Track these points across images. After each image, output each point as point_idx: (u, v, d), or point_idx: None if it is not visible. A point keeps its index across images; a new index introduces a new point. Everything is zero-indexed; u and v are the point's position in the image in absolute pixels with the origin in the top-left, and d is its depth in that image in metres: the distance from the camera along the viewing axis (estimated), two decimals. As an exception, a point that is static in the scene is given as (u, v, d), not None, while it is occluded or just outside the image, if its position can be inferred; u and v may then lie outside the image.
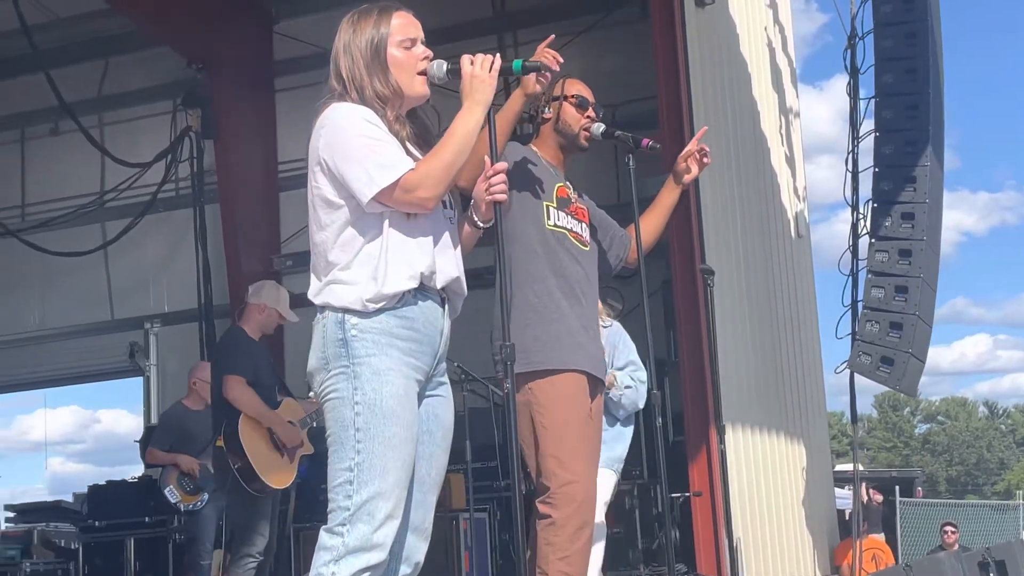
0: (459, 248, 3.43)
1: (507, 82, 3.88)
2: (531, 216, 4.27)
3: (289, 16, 13.46)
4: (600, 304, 5.04)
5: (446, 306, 3.35)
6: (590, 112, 4.47)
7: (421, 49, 3.36)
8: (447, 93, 3.52)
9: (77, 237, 14.04)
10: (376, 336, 3.16)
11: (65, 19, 13.24)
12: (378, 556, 3.07)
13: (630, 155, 4.50)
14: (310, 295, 3.29)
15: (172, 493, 8.63)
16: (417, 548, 3.30)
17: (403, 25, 3.34)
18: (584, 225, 4.45)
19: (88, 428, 59.28)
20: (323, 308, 3.24)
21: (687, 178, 4.53)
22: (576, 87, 4.48)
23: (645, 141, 4.52)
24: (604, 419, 4.75)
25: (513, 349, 3.30)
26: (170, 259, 14.14)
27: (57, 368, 15.53)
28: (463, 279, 3.39)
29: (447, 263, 3.32)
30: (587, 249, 4.43)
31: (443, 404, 3.37)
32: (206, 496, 8.53)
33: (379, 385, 3.13)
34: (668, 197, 4.59)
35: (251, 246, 12.99)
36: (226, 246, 12.94)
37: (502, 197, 3.35)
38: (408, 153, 3.29)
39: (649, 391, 5.38)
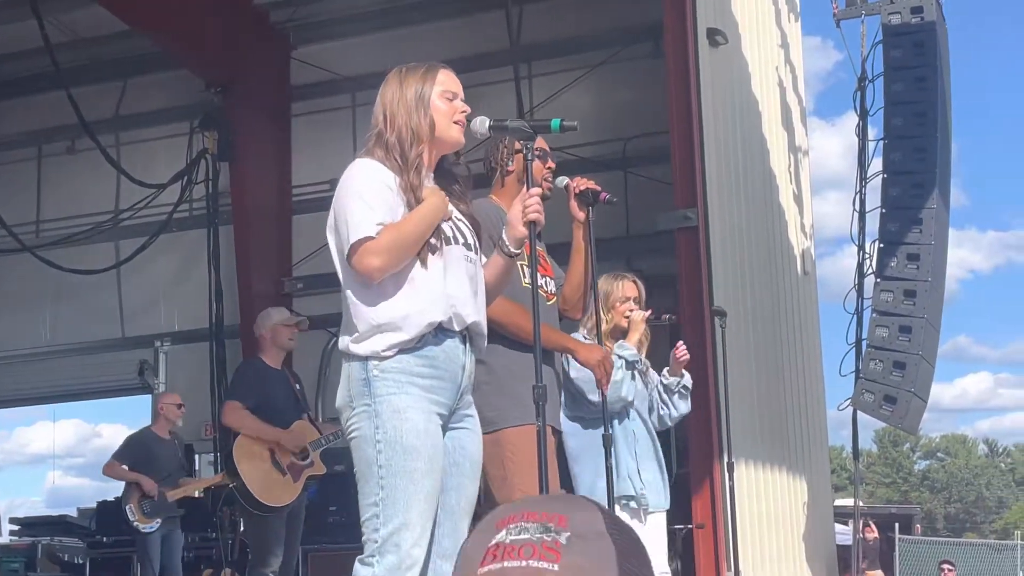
0: (482, 290, 3.52)
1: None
2: None
3: (307, 43, 13.60)
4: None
5: (467, 343, 3.44)
6: (550, 163, 4.59)
7: (460, 104, 3.52)
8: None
9: (91, 255, 14.14)
10: (396, 376, 3.29)
11: (86, 39, 13.41)
12: None
13: (590, 207, 4.55)
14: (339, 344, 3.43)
15: (131, 512, 9.00)
16: (449, 574, 3.42)
17: (447, 79, 3.53)
18: (549, 279, 4.60)
19: (88, 442, 59.09)
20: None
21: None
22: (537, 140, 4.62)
23: (603, 195, 4.59)
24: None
25: (546, 391, 3.39)
26: (182, 279, 14.22)
27: (65, 384, 15.54)
28: (483, 322, 3.49)
29: (467, 306, 3.41)
30: (552, 303, 4.59)
31: (469, 436, 3.50)
32: (158, 522, 8.97)
33: (399, 423, 3.25)
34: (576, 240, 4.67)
35: (263, 268, 13.14)
36: (238, 267, 13.08)
37: (537, 216, 3.45)
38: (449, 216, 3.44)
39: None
